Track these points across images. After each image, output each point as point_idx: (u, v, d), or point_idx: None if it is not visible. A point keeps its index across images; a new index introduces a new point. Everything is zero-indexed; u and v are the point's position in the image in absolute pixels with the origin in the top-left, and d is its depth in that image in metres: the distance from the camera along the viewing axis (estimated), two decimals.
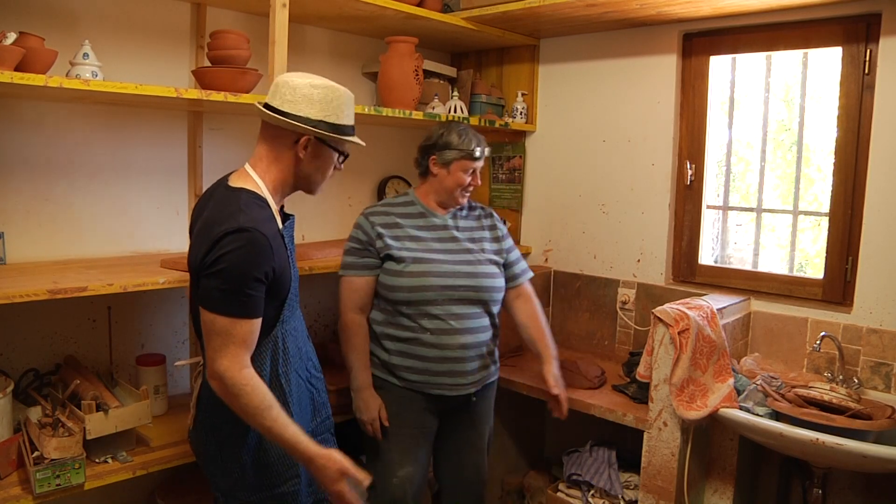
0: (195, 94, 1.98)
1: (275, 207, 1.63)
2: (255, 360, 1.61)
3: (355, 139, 1.71)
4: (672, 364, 2.09)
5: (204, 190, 2.45)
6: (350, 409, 2.42)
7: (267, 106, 1.63)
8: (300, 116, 1.59)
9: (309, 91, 1.60)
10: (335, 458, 1.54)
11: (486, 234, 2.27)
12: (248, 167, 1.66)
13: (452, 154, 2.17)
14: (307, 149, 1.64)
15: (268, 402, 1.52)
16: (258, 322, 1.55)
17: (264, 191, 1.63)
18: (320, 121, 1.61)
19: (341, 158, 1.73)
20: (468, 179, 2.19)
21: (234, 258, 1.48)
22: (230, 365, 1.50)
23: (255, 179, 1.63)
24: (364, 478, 1.54)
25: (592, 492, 2.48)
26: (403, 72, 2.61)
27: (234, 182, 1.64)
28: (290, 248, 1.71)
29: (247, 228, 1.50)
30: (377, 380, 2.17)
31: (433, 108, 2.76)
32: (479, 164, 2.22)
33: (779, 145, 2.64)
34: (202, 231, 1.57)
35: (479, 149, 2.20)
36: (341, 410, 2.39)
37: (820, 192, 2.54)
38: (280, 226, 1.64)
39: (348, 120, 1.68)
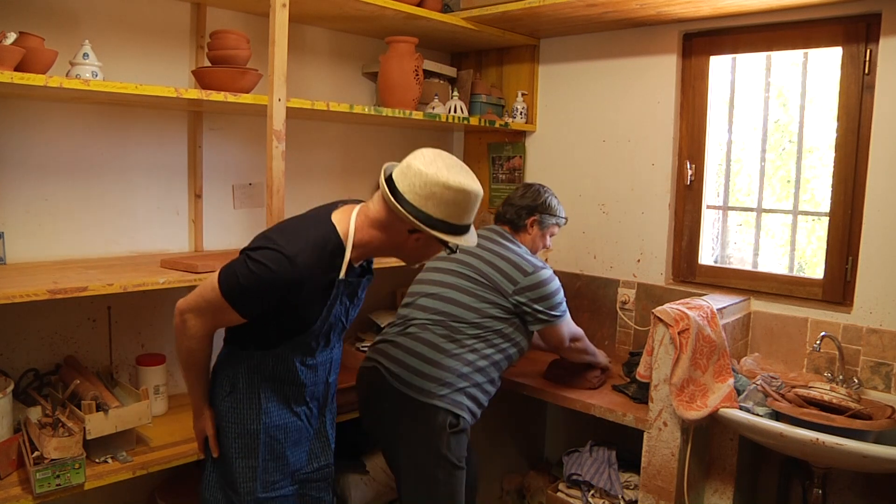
0: (195, 94, 1.98)
1: (346, 260, 1.59)
2: (243, 358, 1.68)
3: (469, 239, 1.62)
4: (672, 364, 2.09)
5: (204, 190, 2.47)
6: (352, 409, 2.43)
7: (391, 180, 1.56)
8: (423, 213, 1.52)
9: (441, 191, 1.51)
10: (201, 424, 1.75)
11: None
12: (355, 212, 1.62)
13: (552, 220, 2.38)
14: (419, 241, 1.61)
15: (197, 366, 1.69)
16: (242, 320, 1.60)
17: (349, 241, 1.59)
18: (441, 221, 1.54)
19: (448, 252, 1.70)
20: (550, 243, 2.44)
21: (262, 270, 1.51)
22: (198, 326, 1.63)
23: (350, 228, 1.59)
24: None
25: (592, 492, 2.48)
26: (403, 72, 2.61)
27: (336, 216, 1.61)
28: (345, 302, 1.68)
29: (291, 260, 1.50)
30: (464, 422, 2.06)
31: (433, 108, 2.76)
32: None
33: (774, 146, 2.64)
34: (276, 227, 1.64)
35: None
36: (343, 410, 2.39)
37: (817, 191, 2.54)
38: (341, 276, 1.60)
39: (469, 220, 1.61)
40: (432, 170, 1.52)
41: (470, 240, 1.62)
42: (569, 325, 2.29)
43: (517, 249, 2.26)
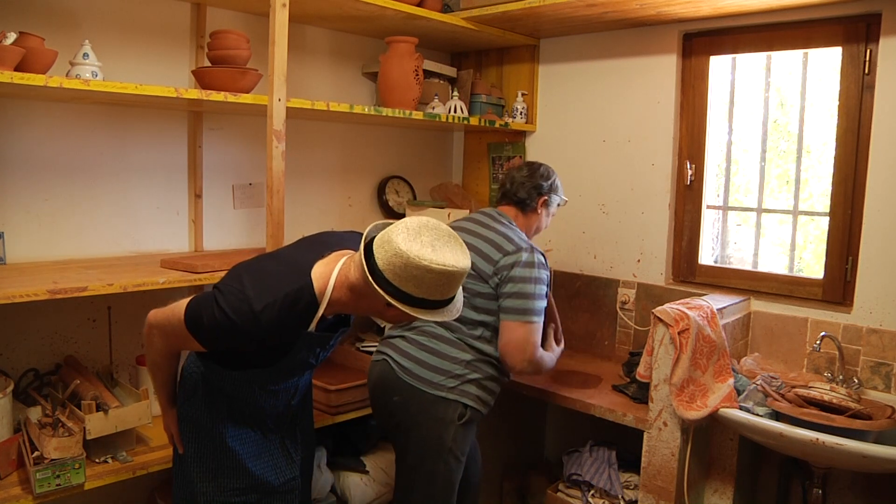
0: (195, 94, 1.98)
1: (318, 316, 1.54)
2: (206, 371, 1.68)
3: (452, 311, 1.53)
4: (672, 364, 2.09)
5: (204, 190, 2.46)
6: (352, 409, 2.43)
7: (369, 250, 1.46)
8: (402, 293, 1.43)
9: (422, 274, 1.41)
10: (166, 422, 1.79)
11: None
12: (337, 269, 1.53)
13: (557, 200, 2.32)
14: (397, 311, 1.49)
15: (161, 376, 1.72)
16: (204, 349, 1.59)
17: (324, 299, 1.52)
18: (423, 299, 1.45)
19: (417, 317, 1.57)
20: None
21: (225, 320, 1.46)
22: (163, 345, 1.64)
23: (329, 287, 1.52)
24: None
25: (592, 492, 2.48)
26: (403, 72, 2.61)
27: (318, 270, 1.53)
28: (315, 350, 1.65)
29: (256, 316, 1.45)
30: (474, 413, 2.06)
31: (433, 108, 2.76)
32: None
33: (774, 146, 2.64)
34: (254, 266, 1.57)
35: None
36: (343, 410, 2.40)
37: (817, 192, 2.54)
38: (311, 329, 1.56)
39: (453, 293, 1.51)
40: (414, 249, 1.41)
41: (453, 312, 1.53)
42: (530, 337, 2.04)
43: (504, 230, 2.14)
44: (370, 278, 1.43)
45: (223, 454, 1.69)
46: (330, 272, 1.53)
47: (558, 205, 2.35)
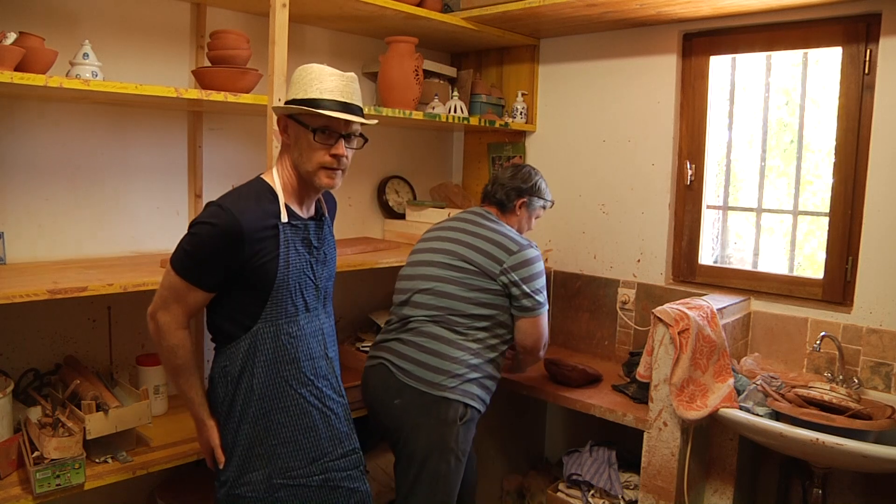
0: (195, 94, 1.98)
1: (282, 202, 1.65)
2: (229, 352, 1.67)
3: (325, 111, 1.59)
4: (672, 364, 2.09)
5: (204, 190, 2.47)
6: (352, 409, 2.43)
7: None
8: (306, 99, 1.61)
9: (315, 75, 1.63)
10: (205, 434, 1.72)
11: None
12: (275, 161, 1.75)
13: (539, 203, 2.37)
14: (287, 132, 1.67)
15: (184, 366, 1.68)
16: (205, 294, 1.63)
17: (276, 186, 1.67)
18: (291, 99, 1.64)
19: (316, 136, 1.60)
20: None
21: (201, 229, 1.57)
22: (170, 321, 1.64)
23: (274, 169, 1.70)
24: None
25: (592, 492, 2.48)
26: (403, 72, 2.61)
27: (265, 173, 1.73)
28: (301, 251, 1.68)
29: (223, 208, 1.56)
30: (474, 412, 2.09)
31: (433, 108, 2.76)
32: None
33: (775, 146, 2.64)
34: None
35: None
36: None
37: (817, 192, 2.54)
38: (284, 220, 1.64)
39: (318, 93, 1.61)
40: (305, 65, 1.67)
41: (329, 112, 1.60)
42: (545, 324, 2.21)
43: (501, 229, 2.21)
44: (280, 105, 1.64)
45: (269, 431, 1.66)
46: (272, 167, 1.72)
47: (543, 207, 2.38)
